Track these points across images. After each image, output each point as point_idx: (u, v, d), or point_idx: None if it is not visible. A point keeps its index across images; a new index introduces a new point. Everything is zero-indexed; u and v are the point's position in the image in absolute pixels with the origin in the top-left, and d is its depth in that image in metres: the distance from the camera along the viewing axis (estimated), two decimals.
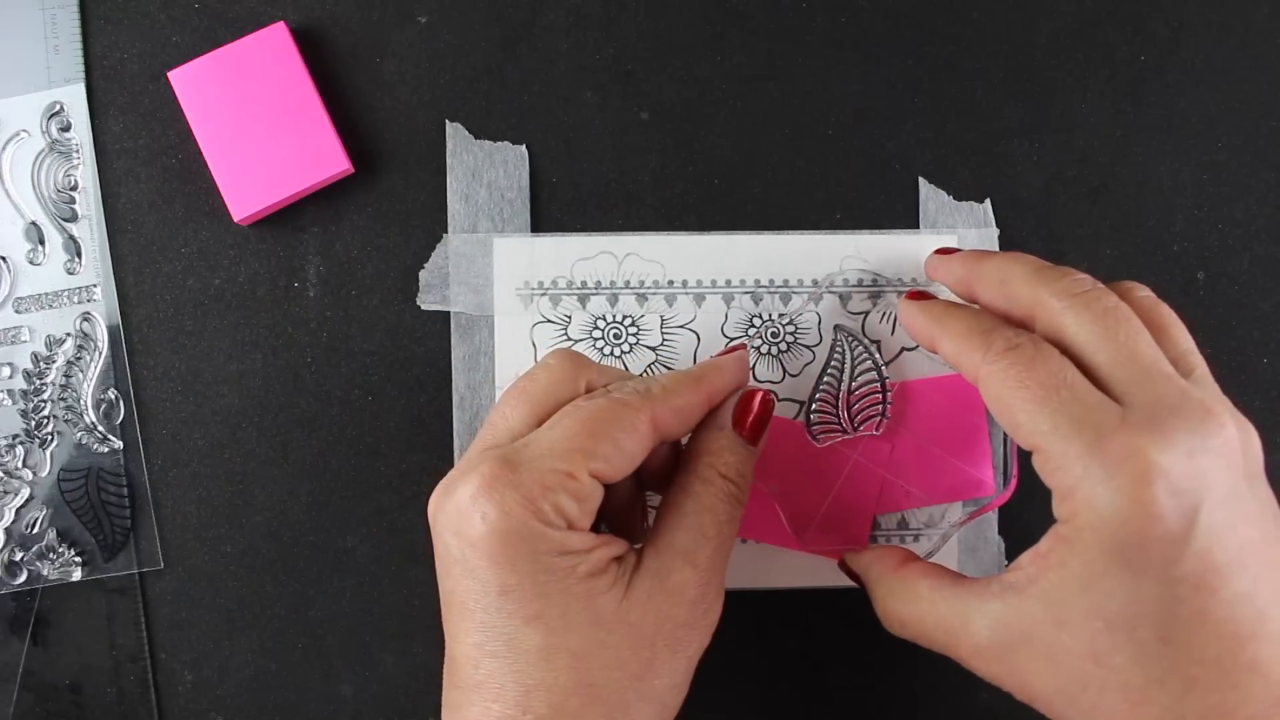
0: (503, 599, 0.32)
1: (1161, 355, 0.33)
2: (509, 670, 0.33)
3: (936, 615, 0.35)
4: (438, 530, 0.34)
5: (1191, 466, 0.31)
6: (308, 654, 0.43)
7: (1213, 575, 0.30)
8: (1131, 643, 0.31)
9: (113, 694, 0.43)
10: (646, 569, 0.35)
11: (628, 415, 0.34)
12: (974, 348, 0.34)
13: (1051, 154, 0.44)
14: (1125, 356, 0.33)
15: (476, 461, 0.34)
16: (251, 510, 0.43)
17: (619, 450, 0.34)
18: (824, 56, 0.44)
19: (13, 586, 0.42)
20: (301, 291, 0.43)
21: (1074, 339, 0.33)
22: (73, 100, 0.43)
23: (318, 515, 0.43)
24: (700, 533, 0.35)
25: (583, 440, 0.33)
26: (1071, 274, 0.35)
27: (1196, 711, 0.30)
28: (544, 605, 0.33)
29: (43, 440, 0.42)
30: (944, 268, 0.40)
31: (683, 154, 0.44)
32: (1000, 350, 0.34)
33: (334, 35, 0.43)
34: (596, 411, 0.34)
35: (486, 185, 0.43)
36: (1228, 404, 0.33)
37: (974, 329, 0.35)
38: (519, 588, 0.32)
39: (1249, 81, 0.44)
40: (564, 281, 0.43)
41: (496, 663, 0.33)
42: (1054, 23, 0.44)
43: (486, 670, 0.33)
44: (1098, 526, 0.31)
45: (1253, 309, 0.44)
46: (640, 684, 0.34)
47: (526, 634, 0.33)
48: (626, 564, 0.35)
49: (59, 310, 0.43)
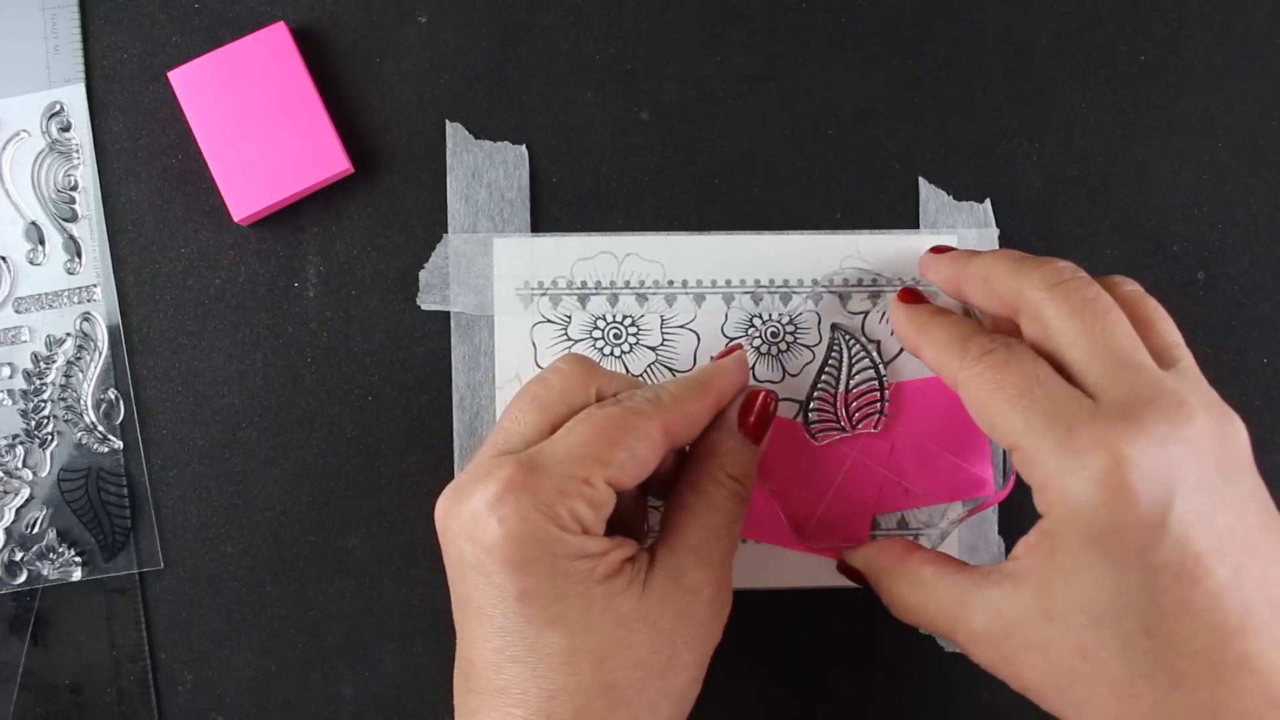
0: (521, 603, 0.33)
1: (1139, 347, 0.33)
2: (531, 675, 0.33)
3: (938, 601, 0.35)
4: (450, 536, 0.34)
5: (1163, 455, 0.31)
6: (308, 654, 0.43)
7: (1192, 563, 0.30)
8: (1116, 636, 0.31)
9: (113, 694, 0.43)
10: (661, 568, 0.35)
11: (641, 424, 0.34)
12: (952, 355, 0.35)
13: (1051, 154, 0.44)
14: (1102, 349, 0.33)
15: (491, 467, 0.33)
16: (251, 510, 0.43)
17: (634, 458, 0.34)
18: (824, 56, 0.44)
19: (13, 586, 0.42)
20: (301, 291, 0.43)
21: (1053, 332, 0.34)
22: (73, 100, 0.43)
23: (318, 515, 0.43)
24: (712, 532, 0.36)
25: (599, 448, 0.33)
26: (1051, 264, 0.35)
27: (1185, 707, 0.30)
28: (564, 608, 0.33)
29: (43, 440, 0.42)
30: (934, 268, 0.40)
31: (683, 154, 0.44)
32: (976, 356, 0.34)
33: (334, 35, 0.43)
34: (611, 420, 0.34)
35: (486, 185, 0.43)
36: (1209, 397, 0.34)
37: (953, 336, 0.36)
38: (538, 591, 0.32)
39: (1249, 81, 0.44)
40: (564, 281, 0.43)
41: (518, 667, 0.33)
42: (1054, 23, 0.44)
43: (509, 675, 0.33)
44: (1074, 517, 0.31)
45: (1253, 309, 0.44)
46: (662, 682, 0.34)
47: (549, 637, 0.33)
48: (640, 564, 0.35)
49: (59, 310, 0.43)
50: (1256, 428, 0.43)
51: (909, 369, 0.43)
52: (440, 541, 0.35)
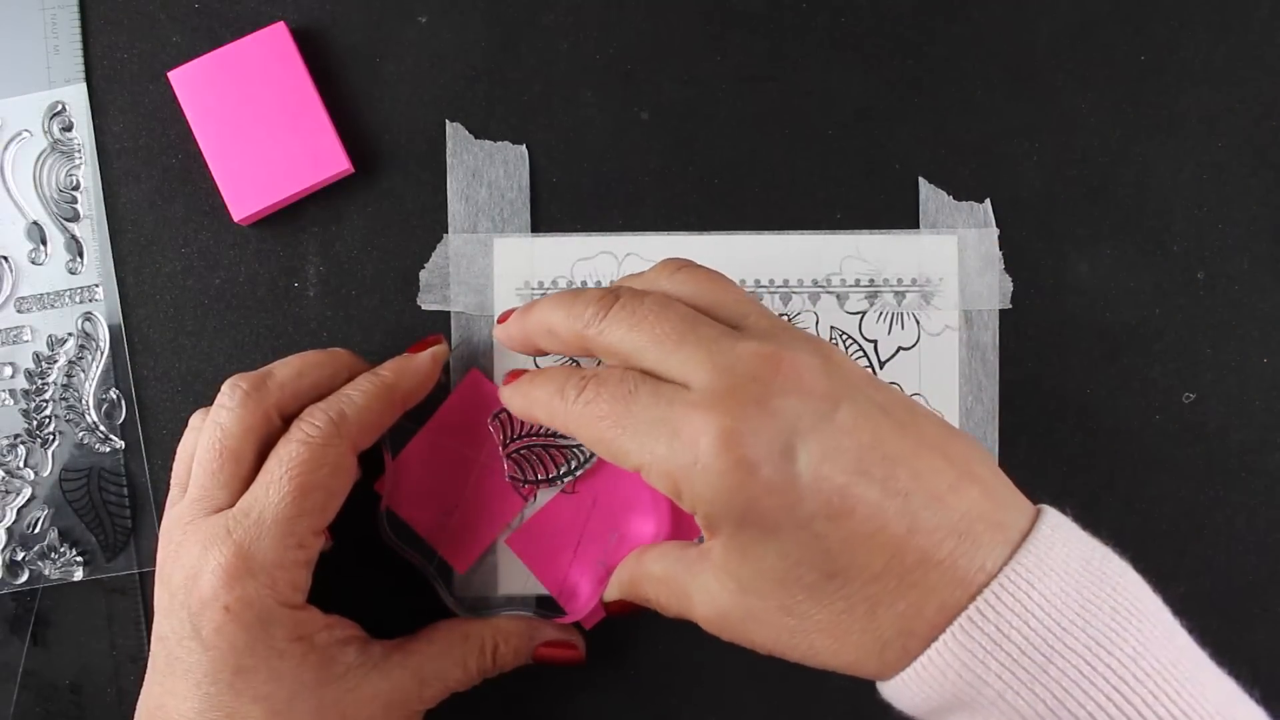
0: (235, 677, 0.34)
1: (704, 322, 0.33)
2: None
3: (670, 594, 0.35)
4: (176, 599, 0.35)
5: (765, 413, 0.31)
6: None
7: (839, 500, 0.31)
8: (804, 590, 0.31)
9: (113, 694, 0.43)
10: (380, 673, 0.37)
11: (330, 456, 0.36)
12: (556, 408, 0.35)
13: (1051, 154, 0.44)
14: (671, 344, 0.33)
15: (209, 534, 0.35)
16: None
17: (331, 496, 0.36)
18: (824, 56, 0.44)
19: (14, 586, 0.42)
20: (301, 291, 0.43)
21: (627, 353, 0.34)
22: (74, 100, 0.43)
23: None
24: (443, 682, 0.38)
25: (300, 505, 0.35)
26: (584, 298, 0.35)
27: (890, 624, 0.31)
28: (275, 688, 0.35)
29: (44, 440, 0.43)
30: (504, 335, 0.39)
31: (683, 154, 0.44)
32: (573, 399, 0.34)
33: (334, 35, 0.43)
34: (303, 466, 0.36)
35: (486, 185, 0.43)
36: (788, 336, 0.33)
37: (551, 392, 0.36)
38: (254, 670, 0.34)
39: (1249, 81, 0.44)
40: (564, 281, 0.43)
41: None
42: (1054, 23, 0.44)
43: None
44: (713, 509, 0.31)
45: (1253, 309, 0.44)
46: None
47: (249, 710, 0.34)
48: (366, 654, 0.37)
49: (61, 310, 0.43)
50: (1257, 428, 0.44)
51: (903, 371, 0.43)
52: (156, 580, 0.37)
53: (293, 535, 0.35)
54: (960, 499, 0.31)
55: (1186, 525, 0.44)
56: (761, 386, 0.31)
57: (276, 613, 0.35)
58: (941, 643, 0.30)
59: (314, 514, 0.36)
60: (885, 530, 0.31)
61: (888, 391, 0.33)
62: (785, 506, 0.31)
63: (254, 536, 0.35)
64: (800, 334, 0.34)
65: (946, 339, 0.43)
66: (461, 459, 0.42)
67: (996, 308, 0.43)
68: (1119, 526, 0.43)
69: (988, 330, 0.43)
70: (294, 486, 0.35)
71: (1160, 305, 0.44)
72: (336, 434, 0.36)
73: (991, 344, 0.43)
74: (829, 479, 0.31)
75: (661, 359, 0.33)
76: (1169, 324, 0.44)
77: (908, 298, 0.43)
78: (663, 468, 0.32)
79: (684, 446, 0.31)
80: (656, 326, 0.33)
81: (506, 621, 0.40)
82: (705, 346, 0.32)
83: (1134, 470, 0.44)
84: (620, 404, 0.33)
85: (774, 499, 0.31)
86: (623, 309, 0.34)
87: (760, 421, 0.31)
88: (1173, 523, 0.44)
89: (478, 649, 0.39)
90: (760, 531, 0.31)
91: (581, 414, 0.34)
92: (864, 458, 0.31)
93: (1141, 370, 0.44)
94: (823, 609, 0.31)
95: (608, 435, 0.33)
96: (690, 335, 0.33)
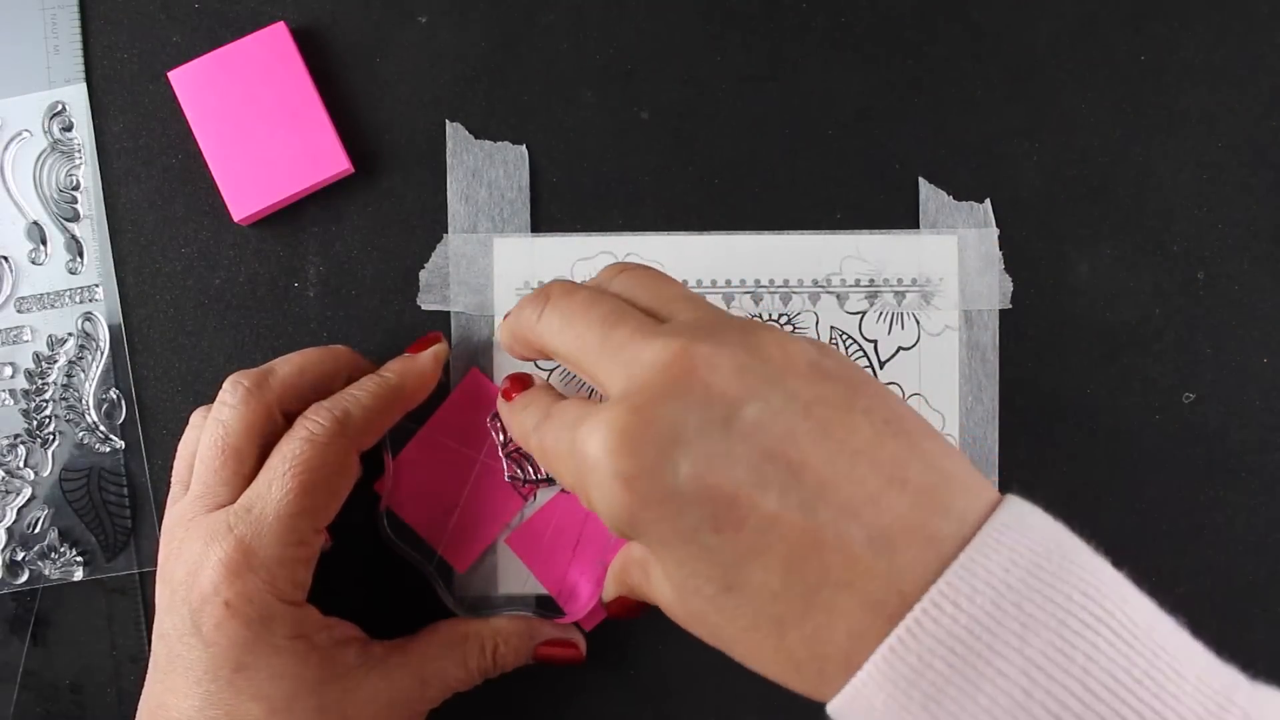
0: (236, 674, 0.34)
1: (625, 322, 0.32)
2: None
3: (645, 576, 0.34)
4: (177, 595, 0.35)
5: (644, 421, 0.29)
6: None
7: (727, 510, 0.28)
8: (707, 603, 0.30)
9: (113, 694, 0.43)
10: (380, 673, 0.37)
11: (333, 454, 0.36)
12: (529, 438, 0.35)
13: (1051, 154, 0.44)
14: (592, 344, 0.32)
15: (210, 530, 0.35)
16: None
17: (333, 494, 0.37)
18: (824, 56, 0.44)
19: (14, 586, 0.42)
20: (301, 291, 0.43)
21: (565, 355, 0.34)
22: (74, 100, 0.43)
23: None
24: (444, 682, 0.38)
25: (302, 502, 0.35)
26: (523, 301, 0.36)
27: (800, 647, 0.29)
28: (275, 686, 0.35)
29: (44, 440, 0.43)
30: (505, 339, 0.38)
31: (683, 154, 0.44)
32: (531, 428, 0.35)
33: (334, 35, 0.43)
34: (307, 466, 0.36)
35: (486, 185, 0.43)
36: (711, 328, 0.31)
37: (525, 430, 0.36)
38: (254, 667, 0.34)
39: (1249, 81, 0.44)
40: None
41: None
42: (1054, 23, 0.44)
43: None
44: (611, 524, 0.30)
45: (1253, 309, 0.44)
46: None
47: (250, 708, 0.34)
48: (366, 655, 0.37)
49: (61, 310, 0.43)
50: (1257, 428, 0.44)
51: (903, 371, 0.43)
52: (158, 577, 0.37)
53: (294, 532, 0.35)
54: (880, 511, 0.28)
55: (1186, 525, 0.44)
56: (651, 393, 0.29)
57: (277, 609, 0.35)
58: (865, 672, 0.27)
59: (316, 511, 0.36)
60: (782, 544, 0.28)
61: (826, 385, 0.30)
62: (664, 519, 0.29)
63: (255, 532, 0.35)
64: (733, 325, 0.31)
65: (946, 339, 0.43)
66: (461, 459, 0.42)
67: (996, 308, 0.43)
68: (1119, 526, 0.43)
69: (988, 330, 0.43)
70: (297, 484, 0.35)
71: (1160, 305, 0.44)
72: (340, 432, 0.36)
73: (991, 344, 0.43)
74: (716, 488, 0.28)
75: (595, 361, 0.32)
76: (1169, 324, 0.44)
77: (908, 298, 0.43)
78: (569, 484, 0.32)
79: (580, 461, 0.30)
80: (581, 324, 0.33)
81: (507, 621, 0.40)
82: (616, 352, 0.31)
83: (1134, 470, 0.43)
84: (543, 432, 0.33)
85: (651, 512, 0.29)
86: (553, 309, 0.34)
87: (640, 431, 0.29)
88: (1173, 523, 0.44)
89: (478, 649, 0.39)
90: (654, 541, 0.30)
91: (537, 448, 0.34)
92: (763, 465, 0.28)
93: (1141, 370, 0.44)
94: (729, 623, 0.30)
95: (546, 463, 0.34)
96: (610, 336, 0.32)
